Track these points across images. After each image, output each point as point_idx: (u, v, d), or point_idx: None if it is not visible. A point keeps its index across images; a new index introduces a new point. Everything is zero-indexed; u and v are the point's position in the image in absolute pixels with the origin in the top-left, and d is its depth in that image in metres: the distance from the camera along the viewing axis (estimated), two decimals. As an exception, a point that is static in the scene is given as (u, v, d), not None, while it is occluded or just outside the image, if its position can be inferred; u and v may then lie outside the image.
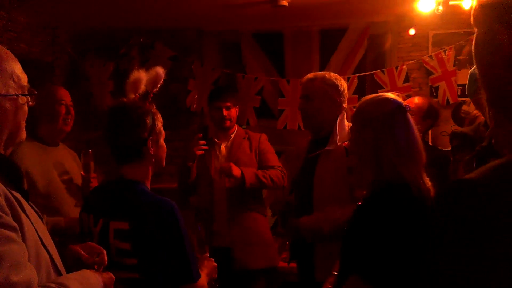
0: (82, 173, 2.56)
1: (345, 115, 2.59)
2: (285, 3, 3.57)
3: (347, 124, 2.54)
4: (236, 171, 3.02)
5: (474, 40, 0.91)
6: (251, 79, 4.29)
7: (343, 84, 2.58)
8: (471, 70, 2.50)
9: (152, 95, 1.79)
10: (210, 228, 3.15)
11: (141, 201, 1.69)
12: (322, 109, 2.52)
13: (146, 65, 2.28)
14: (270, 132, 4.13)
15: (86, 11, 3.92)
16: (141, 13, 4.00)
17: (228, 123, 3.23)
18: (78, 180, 2.58)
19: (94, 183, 2.52)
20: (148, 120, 1.74)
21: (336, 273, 2.00)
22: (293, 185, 2.75)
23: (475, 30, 0.89)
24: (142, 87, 1.78)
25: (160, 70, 1.82)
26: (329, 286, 2.03)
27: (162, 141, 1.82)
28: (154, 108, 1.79)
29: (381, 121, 1.75)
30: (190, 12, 3.97)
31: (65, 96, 2.64)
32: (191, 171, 3.18)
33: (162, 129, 1.81)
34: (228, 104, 3.21)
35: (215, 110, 3.24)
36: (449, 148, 3.01)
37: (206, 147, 3.14)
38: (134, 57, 4.38)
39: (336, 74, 2.62)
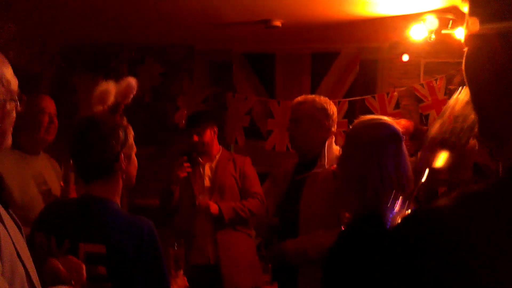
0: (61, 183, 2.48)
1: (334, 139, 2.57)
2: (278, 23, 3.57)
3: (335, 147, 2.52)
4: (214, 208, 3.06)
5: (464, 57, 0.86)
6: (241, 98, 4.26)
7: (332, 108, 2.57)
8: None
9: (123, 107, 1.69)
10: (190, 245, 3.10)
11: (118, 222, 1.57)
12: (310, 132, 2.50)
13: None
14: (258, 152, 4.10)
15: (76, 24, 3.88)
16: (132, 28, 3.97)
17: (199, 147, 3.22)
18: (57, 191, 2.50)
19: (73, 194, 2.43)
20: (120, 134, 1.62)
21: None
22: (278, 208, 2.70)
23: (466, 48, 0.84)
24: (111, 99, 1.68)
25: (132, 81, 1.72)
26: None
27: (134, 156, 1.70)
28: (125, 121, 1.67)
29: (372, 146, 1.69)
30: (182, 29, 3.96)
31: (49, 105, 2.58)
32: (174, 193, 3.17)
33: (133, 144, 1.69)
34: (198, 129, 3.20)
35: (188, 136, 3.26)
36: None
37: (190, 169, 3.14)
38: (123, 72, 4.35)
39: (326, 98, 2.61)
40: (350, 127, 1.87)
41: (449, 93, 3.94)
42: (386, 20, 3.51)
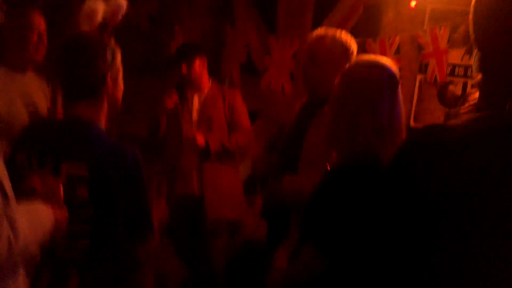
0: (48, 104, 2.44)
1: None
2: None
3: None
4: (200, 141, 3.04)
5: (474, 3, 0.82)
6: (239, 32, 4.15)
7: (353, 46, 2.32)
8: None
9: (112, 27, 1.62)
10: (176, 177, 3.13)
11: (103, 146, 1.55)
12: (327, 71, 2.26)
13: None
14: (252, 89, 4.04)
15: None
16: None
17: (188, 80, 3.17)
18: (44, 112, 2.45)
19: (59, 116, 2.40)
20: (107, 55, 1.57)
21: (291, 242, 1.92)
22: (280, 146, 2.62)
23: None
24: (99, 18, 1.61)
25: (121, 1, 1.64)
26: (283, 254, 1.95)
27: (120, 79, 1.65)
28: (113, 42, 1.61)
29: (367, 87, 1.62)
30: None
31: (39, 23, 2.48)
32: (160, 125, 3.16)
33: (121, 66, 1.64)
34: (187, 61, 3.14)
35: (178, 67, 3.19)
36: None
37: (177, 101, 3.12)
38: None
39: (348, 34, 2.35)
40: (348, 66, 1.81)
41: (452, 43, 3.85)
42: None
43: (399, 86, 1.68)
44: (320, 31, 2.38)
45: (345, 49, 2.30)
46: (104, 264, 1.53)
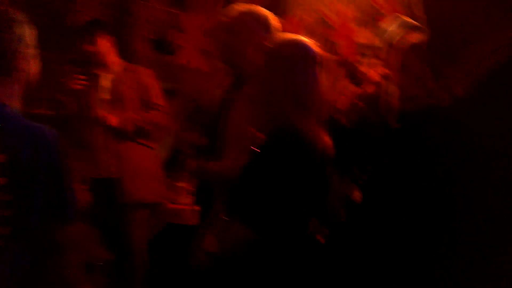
0: None
1: None
2: None
3: None
4: (113, 121, 2.99)
5: None
6: (147, 7, 4.00)
7: (274, 23, 2.29)
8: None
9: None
10: (91, 158, 3.06)
11: (19, 128, 1.43)
12: (246, 47, 2.24)
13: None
14: (164, 67, 3.95)
15: None
16: None
17: (94, 58, 3.09)
18: None
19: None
20: (19, 29, 1.43)
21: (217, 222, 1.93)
22: (206, 127, 2.57)
23: None
24: None
25: None
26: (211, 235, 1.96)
27: (34, 56, 1.51)
28: (25, 16, 1.47)
29: (283, 63, 1.71)
30: None
31: None
32: (67, 106, 3.05)
33: (34, 42, 1.50)
34: (90, 38, 3.07)
35: (82, 45, 3.10)
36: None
37: (85, 81, 3.01)
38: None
39: (268, 11, 2.31)
40: (271, 44, 1.86)
41: (359, 22, 3.99)
42: None
43: (319, 64, 1.76)
44: (238, 6, 2.35)
45: (266, 25, 2.27)
46: (25, 248, 1.44)
